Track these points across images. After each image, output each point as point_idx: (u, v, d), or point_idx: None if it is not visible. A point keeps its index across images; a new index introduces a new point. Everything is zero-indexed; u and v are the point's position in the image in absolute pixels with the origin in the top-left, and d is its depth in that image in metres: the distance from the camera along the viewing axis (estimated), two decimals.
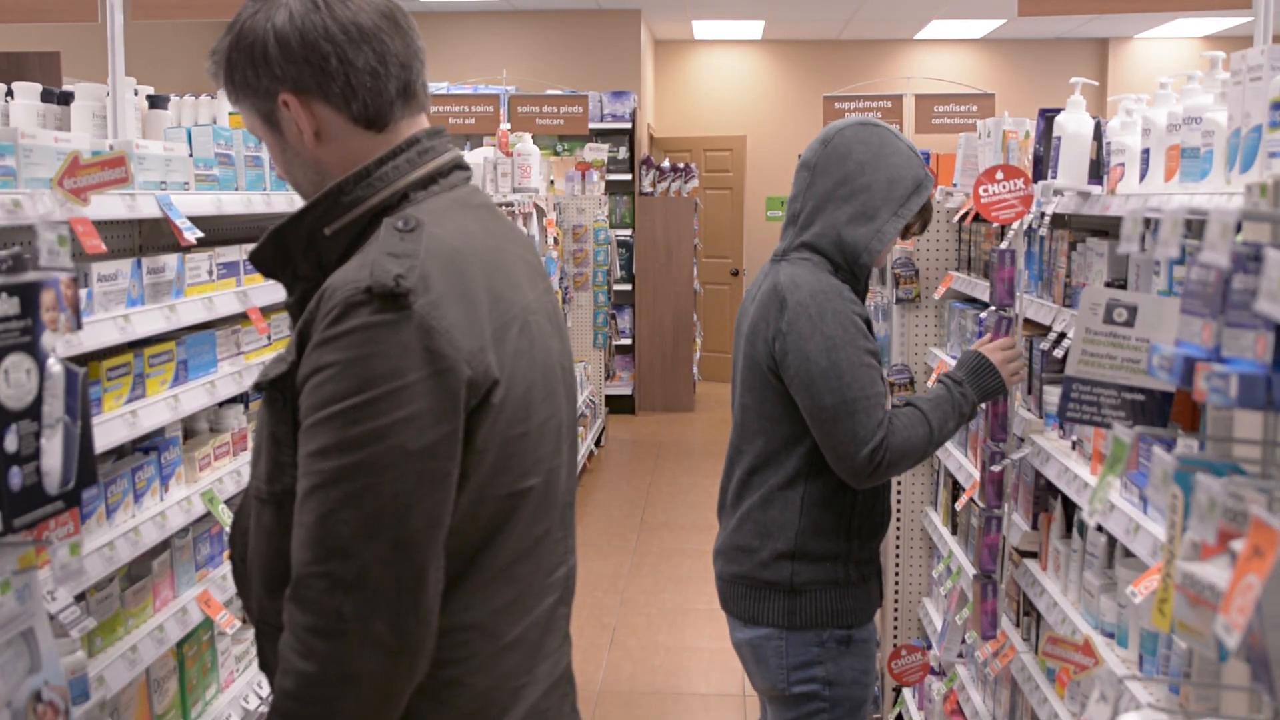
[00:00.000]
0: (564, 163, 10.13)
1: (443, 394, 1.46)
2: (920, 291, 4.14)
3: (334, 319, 1.47)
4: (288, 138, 1.62)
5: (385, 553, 1.44)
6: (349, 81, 1.59)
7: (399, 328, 1.46)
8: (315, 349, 1.48)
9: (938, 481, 4.13)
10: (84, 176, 2.28)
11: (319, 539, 1.45)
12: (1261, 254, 1.15)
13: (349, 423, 1.44)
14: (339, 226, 1.60)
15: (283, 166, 1.67)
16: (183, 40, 9.65)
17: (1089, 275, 2.58)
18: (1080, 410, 1.84)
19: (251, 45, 1.60)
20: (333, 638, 1.44)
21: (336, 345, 1.46)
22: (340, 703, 1.45)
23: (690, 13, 11.65)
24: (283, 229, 1.62)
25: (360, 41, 1.59)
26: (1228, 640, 1.06)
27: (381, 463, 1.44)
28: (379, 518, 1.44)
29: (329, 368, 1.46)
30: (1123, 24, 12.40)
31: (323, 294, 1.50)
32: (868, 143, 2.63)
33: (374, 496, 1.44)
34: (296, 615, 1.46)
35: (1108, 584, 2.36)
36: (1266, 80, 1.80)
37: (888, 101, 7.60)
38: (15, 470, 1.53)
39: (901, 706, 4.31)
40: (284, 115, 1.60)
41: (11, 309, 1.52)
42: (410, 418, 1.45)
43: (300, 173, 1.65)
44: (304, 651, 1.45)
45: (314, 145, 1.61)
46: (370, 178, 1.60)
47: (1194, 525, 1.22)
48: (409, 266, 1.48)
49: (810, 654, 2.63)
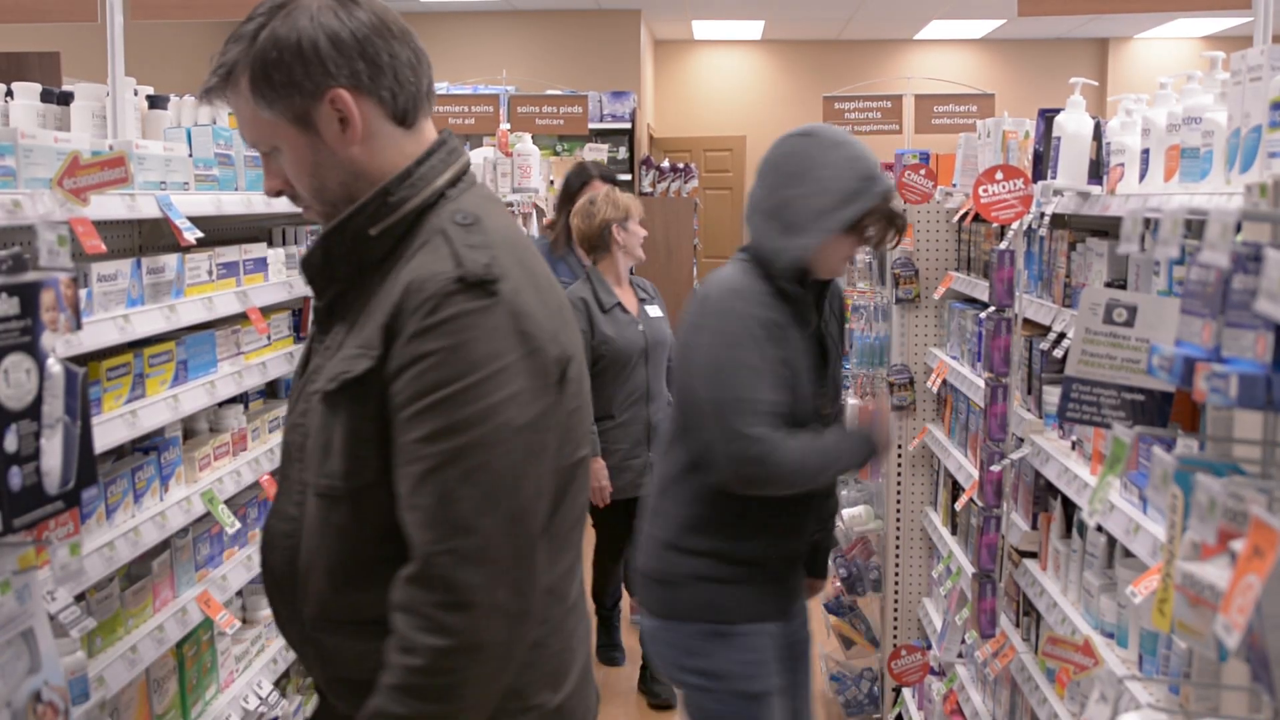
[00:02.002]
0: (564, 163, 10.12)
1: (536, 371, 1.57)
2: (920, 291, 4.14)
3: (430, 310, 1.53)
4: (325, 138, 1.62)
5: (503, 524, 1.53)
6: (396, 77, 1.63)
7: (492, 313, 1.54)
8: (412, 340, 1.54)
9: (937, 482, 4.13)
10: (84, 176, 2.28)
11: (441, 518, 1.52)
12: (1261, 254, 1.15)
13: (458, 405, 1.52)
14: (385, 226, 1.63)
15: (308, 169, 1.64)
16: (183, 40, 9.65)
17: (1089, 275, 2.58)
18: (1080, 410, 1.84)
19: (298, 43, 1.59)
20: (463, 609, 1.51)
21: (435, 334, 1.53)
22: (469, 671, 1.53)
23: (690, 13, 11.64)
24: (332, 233, 1.65)
25: (401, 39, 1.64)
26: (1228, 640, 1.06)
27: (491, 440, 1.53)
28: (495, 492, 1.53)
29: (430, 356, 1.53)
30: (1123, 24, 12.40)
31: (408, 289, 1.55)
32: (797, 155, 2.64)
33: (488, 472, 1.53)
34: (420, 595, 1.52)
35: (1107, 584, 2.36)
36: (1266, 80, 1.80)
37: (888, 101, 7.60)
38: (15, 470, 1.53)
39: (901, 706, 4.31)
40: (324, 114, 1.60)
41: (11, 309, 1.52)
42: (512, 396, 1.54)
43: (330, 174, 1.64)
44: (433, 627, 1.51)
45: (357, 143, 1.62)
46: (412, 178, 1.65)
47: (1194, 525, 1.22)
48: (491, 256, 1.58)
49: (689, 645, 2.64)
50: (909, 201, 4.12)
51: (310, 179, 1.65)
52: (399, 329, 1.55)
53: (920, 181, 4.12)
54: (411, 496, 1.55)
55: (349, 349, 1.62)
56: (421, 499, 1.54)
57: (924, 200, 4.12)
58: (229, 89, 1.63)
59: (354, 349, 1.61)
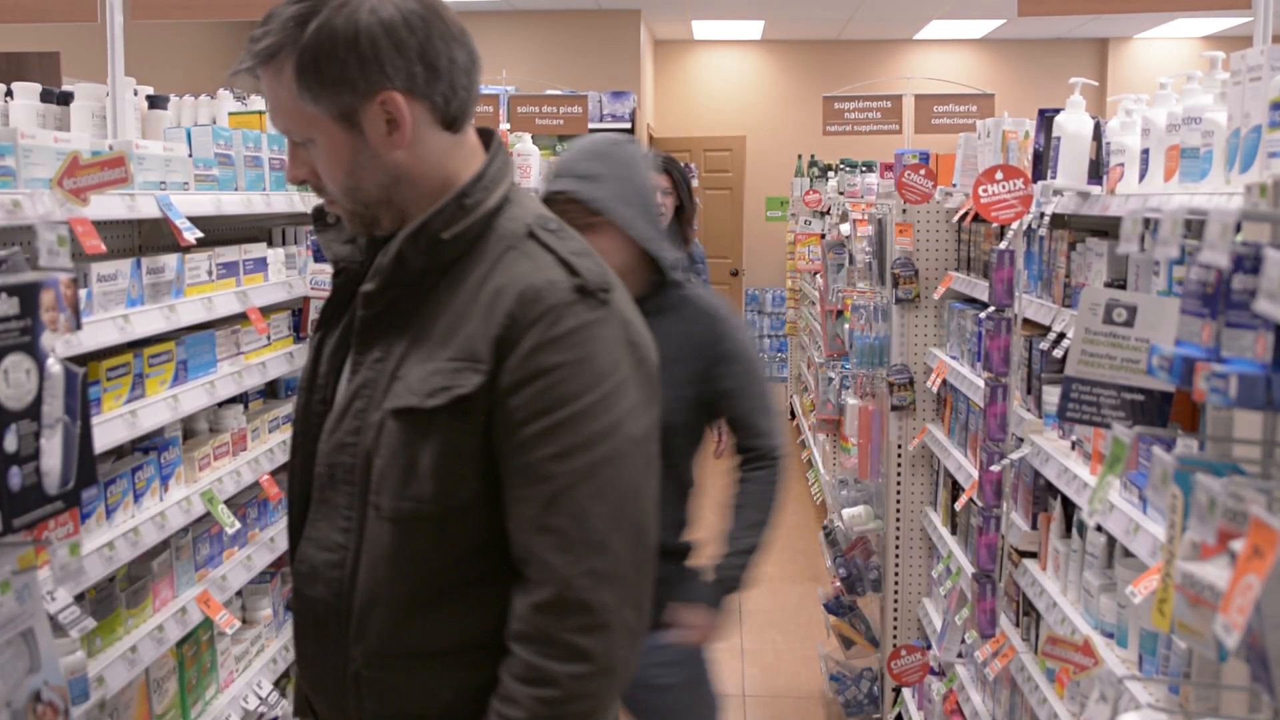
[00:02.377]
0: None
1: (644, 382, 1.54)
2: (920, 291, 4.14)
3: (552, 321, 1.47)
4: (369, 139, 1.52)
5: (629, 540, 1.49)
6: (453, 82, 1.54)
7: (609, 323, 1.51)
8: (534, 353, 1.47)
9: (937, 482, 4.13)
10: (84, 176, 2.28)
11: (577, 539, 1.46)
12: (1261, 254, 1.15)
13: (587, 420, 1.47)
14: (459, 230, 1.55)
15: (344, 168, 1.54)
16: (183, 40, 9.64)
17: (1088, 275, 2.58)
18: (1080, 410, 1.83)
19: (356, 39, 1.49)
20: (601, 632, 1.46)
21: (560, 347, 1.47)
22: (602, 696, 1.49)
23: (690, 13, 11.64)
24: (410, 237, 1.55)
25: (459, 41, 1.55)
26: (1227, 640, 1.06)
27: (618, 454, 1.49)
28: (622, 508, 1.49)
29: (556, 369, 1.47)
30: (1122, 24, 12.40)
31: (521, 298, 1.48)
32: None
33: (616, 488, 1.48)
34: (555, 621, 1.46)
35: (1107, 584, 2.36)
36: (1266, 80, 1.80)
37: (888, 101, 7.60)
38: (15, 470, 1.53)
39: (901, 706, 4.31)
40: (372, 114, 1.51)
41: (11, 309, 1.52)
42: (631, 409, 1.50)
43: (369, 175, 1.54)
44: (571, 654, 1.46)
45: (403, 147, 1.53)
46: (484, 179, 1.59)
47: (1194, 525, 1.22)
48: (597, 263, 1.54)
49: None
50: (909, 201, 4.12)
51: (346, 178, 1.55)
52: (514, 341, 1.47)
53: (920, 181, 4.12)
54: (544, 518, 1.47)
55: (437, 363, 1.51)
56: (556, 520, 1.47)
57: (924, 200, 4.12)
58: (266, 72, 1.52)
59: (446, 363, 1.51)
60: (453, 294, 1.54)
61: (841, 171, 8.60)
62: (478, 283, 1.53)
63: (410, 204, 1.58)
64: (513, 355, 1.47)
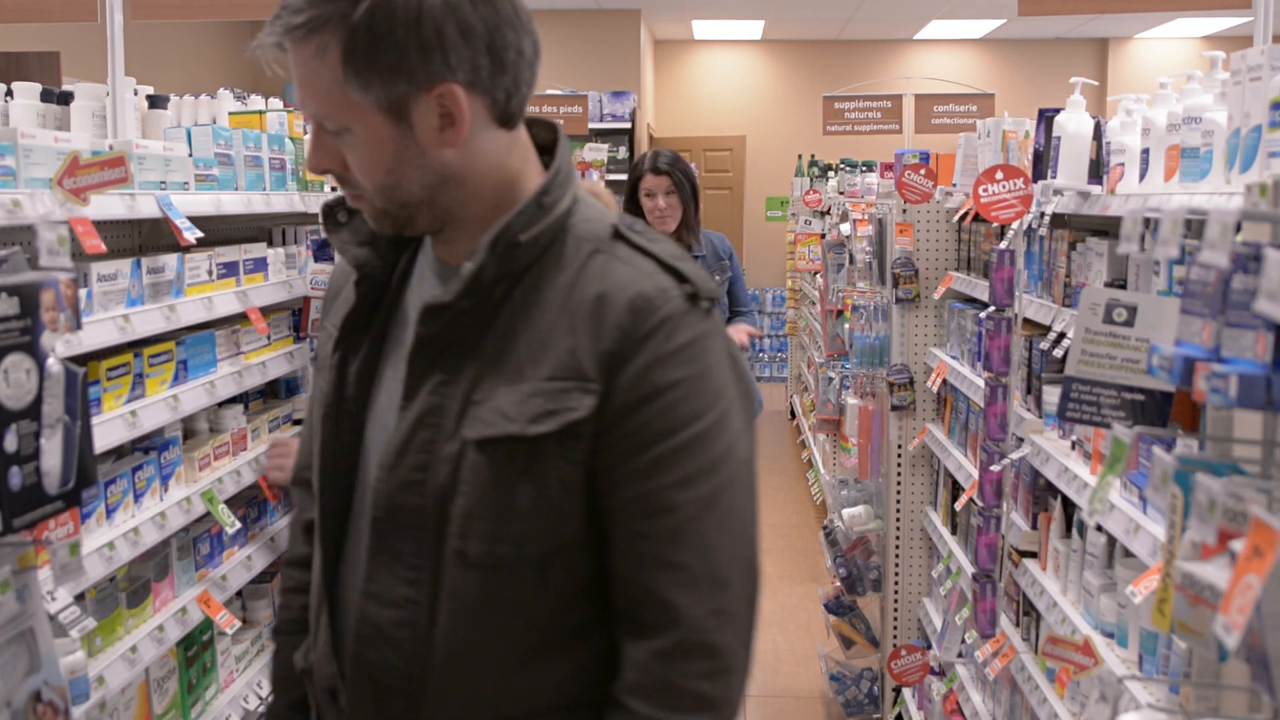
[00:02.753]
0: None
1: (745, 398, 1.41)
2: (920, 291, 4.14)
3: (669, 332, 1.33)
4: (418, 134, 1.34)
5: (744, 574, 1.37)
6: (517, 77, 1.37)
7: (717, 335, 1.38)
8: (651, 368, 1.32)
9: (937, 481, 4.13)
10: (84, 176, 2.28)
11: (703, 575, 1.33)
12: (1261, 254, 1.15)
13: (709, 442, 1.33)
14: (536, 233, 1.38)
15: (385, 164, 1.36)
16: (183, 40, 9.64)
17: (1089, 275, 2.58)
18: (1080, 410, 1.83)
19: (418, 22, 1.30)
20: (724, 677, 1.34)
21: (677, 361, 1.32)
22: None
23: (690, 13, 11.64)
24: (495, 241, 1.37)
25: (526, 29, 1.38)
26: (1227, 640, 1.06)
27: (735, 479, 1.35)
28: (738, 538, 1.36)
29: (676, 387, 1.32)
30: (1123, 24, 12.40)
31: (632, 307, 1.33)
32: None
33: (733, 517, 1.35)
34: (680, 667, 1.33)
35: (1107, 584, 2.36)
36: (1266, 80, 1.80)
37: (888, 101, 7.60)
38: (15, 470, 1.53)
39: (901, 706, 4.31)
40: (424, 108, 1.33)
41: (11, 309, 1.52)
42: (741, 427, 1.38)
43: (413, 174, 1.36)
44: (696, 703, 1.33)
45: (456, 145, 1.36)
46: (559, 176, 1.42)
47: (1194, 525, 1.22)
48: (698, 267, 1.40)
49: None
50: (909, 201, 4.13)
51: (385, 175, 1.36)
52: (628, 356, 1.31)
53: (920, 181, 4.12)
54: (668, 553, 1.32)
55: (533, 383, 1.33)
56: (681, 555, 1.32)
57: (924, 200, 4.12)
58: (303, 48, 1.32)
59: (546, 383, 1.33)
60: (532, 305, 1.37)
61: (842, 171, 8.60)
62: (564, 291, 1.36)
63: (457, 206, 1.41)
64: (625, 372, 1.31)
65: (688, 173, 4.56)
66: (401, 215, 1.40)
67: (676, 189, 4.53)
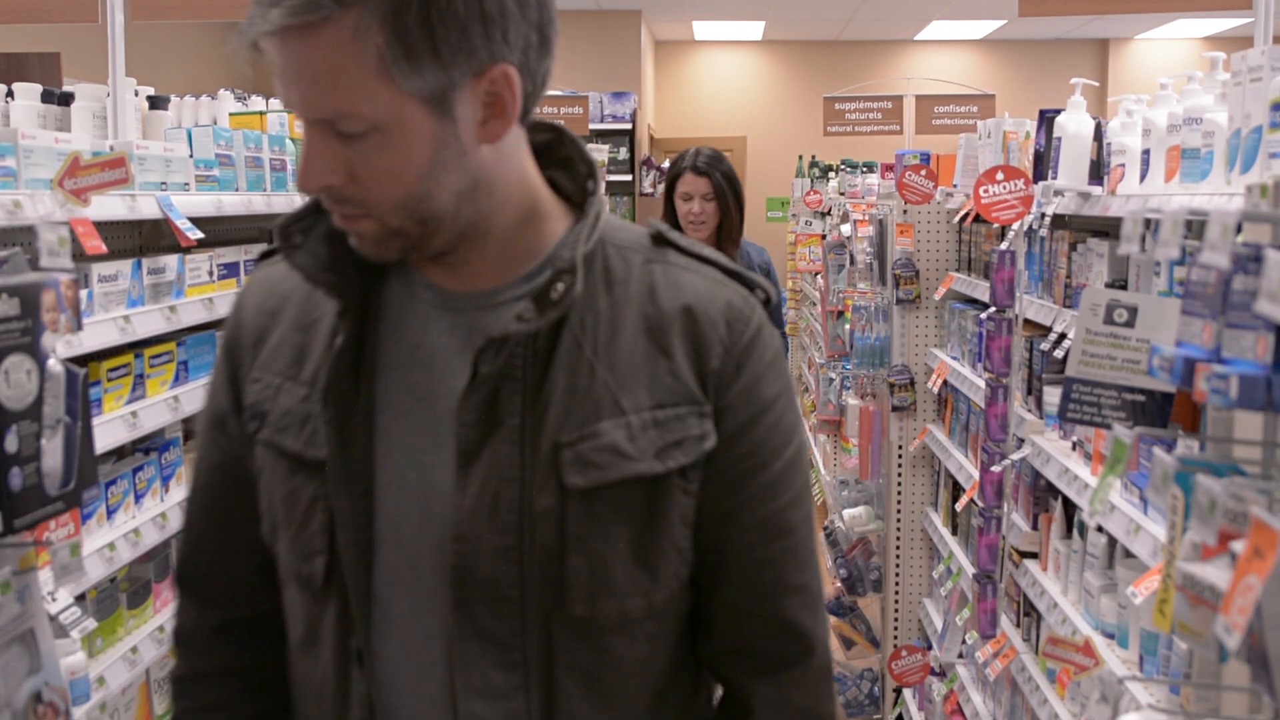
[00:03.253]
0: None
1: None
2: (920, 292, 4.14)
3: (763, 345, 1.25)
4: (461, 128, 1.14)
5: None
6: (549, 54, 1.20)
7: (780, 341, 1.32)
8: (755, 385, 1.24)
9: (938, 482, 4.13)
10: (84, 177, 2.29)
11: (817, 594, 1.30)
12: (1261, 255, 1.15)
13: (803, 455, 1.29)
14: (591, 247, 1.23)
15: (419, 169, 1.14)
16: (183, 40, 9.65)
17: (1089, 276, 2.58)
18: (1080, 411, 1.83)
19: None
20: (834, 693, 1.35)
21: (774, 374, 1.26)
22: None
23: (690, 13, 11.65)
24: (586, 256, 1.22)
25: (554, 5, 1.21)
26: (1228, 641, 1.06)
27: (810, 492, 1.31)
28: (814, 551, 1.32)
29: (778, 401, 1.26)
30: (1123, 24, 12.40)
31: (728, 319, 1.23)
32: None
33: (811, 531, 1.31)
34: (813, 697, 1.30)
35: (1108, 584, 2.36)
36: (1267, 81, 1.80)
37: (888, 102, 7.60)
38: (15, 471, 1.53)
39: (902, 707, 4.31)
40: (468, 96, 1.13)
41: (11, 310, 1.52)
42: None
43: (449, 180, 1.15)
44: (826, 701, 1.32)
45: (498, 140, 1.17)
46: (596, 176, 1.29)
47: (1194, 526, 1.22)
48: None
49: None
50: (910, 202, 4.13)
51: (417, 182, 1.14)
52: (732, 373, 1.22)
53: (921, 182, 4.12)
54: (794, 577, 1.27)
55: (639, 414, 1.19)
56: (803, 576, 1.28)
57: (924, 201, 4.12)
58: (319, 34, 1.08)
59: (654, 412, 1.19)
60: (597, 325, 1.21)
61: (842, 172, 8.60)
62: (635, 307, 1.22)
63: (482, 218, 1.21)
64: (732, 390, 1.22)
65: (730, 176, 4.17)
66: (417, 234, 1.18)
67: (715, 194, 4.11)
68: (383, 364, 1.25)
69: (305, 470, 1.24)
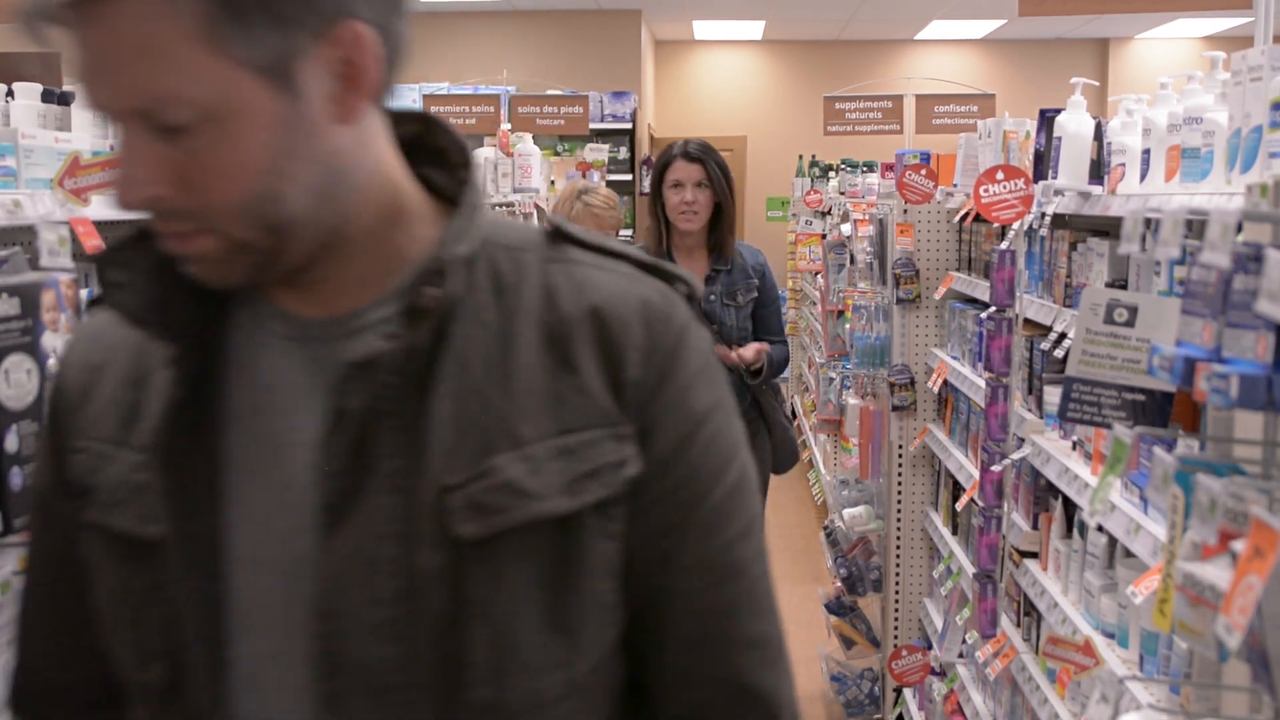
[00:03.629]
0: (564, 163, 10.14)
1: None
2: (920, 292, 4.14)
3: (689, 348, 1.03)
4: (309, 108, 0.94)
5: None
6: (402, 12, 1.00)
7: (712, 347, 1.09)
8: (685, 394, 1.02)
9: (938, 482, 4.13)
10: (84, 177, 2.29)
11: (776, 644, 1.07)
12: (1262, 254, 1.15)
13: (749, 476, 1.07)
14: (474, 247, 1.02)
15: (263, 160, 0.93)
16: None
17: (1089, 275, 2.58)
18: (1080, 410, 1.83)
19: None
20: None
21: (705, 381, 1.04)
22: None
23: (690, 13, 11.65)
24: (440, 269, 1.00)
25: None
26: (1228, 640, 1.06)
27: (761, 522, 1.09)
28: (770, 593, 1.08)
29: (713, 413, 1.04)
30: (1123, 24, 12.40)
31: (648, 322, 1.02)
32: None
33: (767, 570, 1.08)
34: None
35: (1108, 584, 2.36)
36: (1267, 80, 1.80)
37: (888, 101, 7.60)
38: (16, 470, 1.53)
39: (902, 707, 4.31)
40: (315, 64, 0.93)
41: (12, 309, 1.52)
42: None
43: (303, 172, 0.95)
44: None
45: (356, 119, 0.97)
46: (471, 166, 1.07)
47: (1194, 526, 1.22)
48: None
49: None
50: (910, 201, 4.13)
51: (263, 181, 0.93)
52: (655, 383, 1.00)
53: (921, 182, 4.12)
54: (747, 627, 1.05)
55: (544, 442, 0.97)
56: (760, 625, 1.06)
57: (925, 200, 4.13)
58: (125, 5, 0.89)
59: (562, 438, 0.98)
60: (486, 340, 1.00)
61: (842, 172, 8.60)
62: (531, 315, 1.01)
63: (343, 223, 0.99)
64: (656, 403, 1.00)
65: (723, 166, 3.96)
66: (269, 247, 0.96)
67: (709, 182, 3.89)
68: (229, 416, 1.02)
69: (139, 553, 1.01)
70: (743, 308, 3.96)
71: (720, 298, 3.93)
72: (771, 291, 4.14)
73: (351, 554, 0.96)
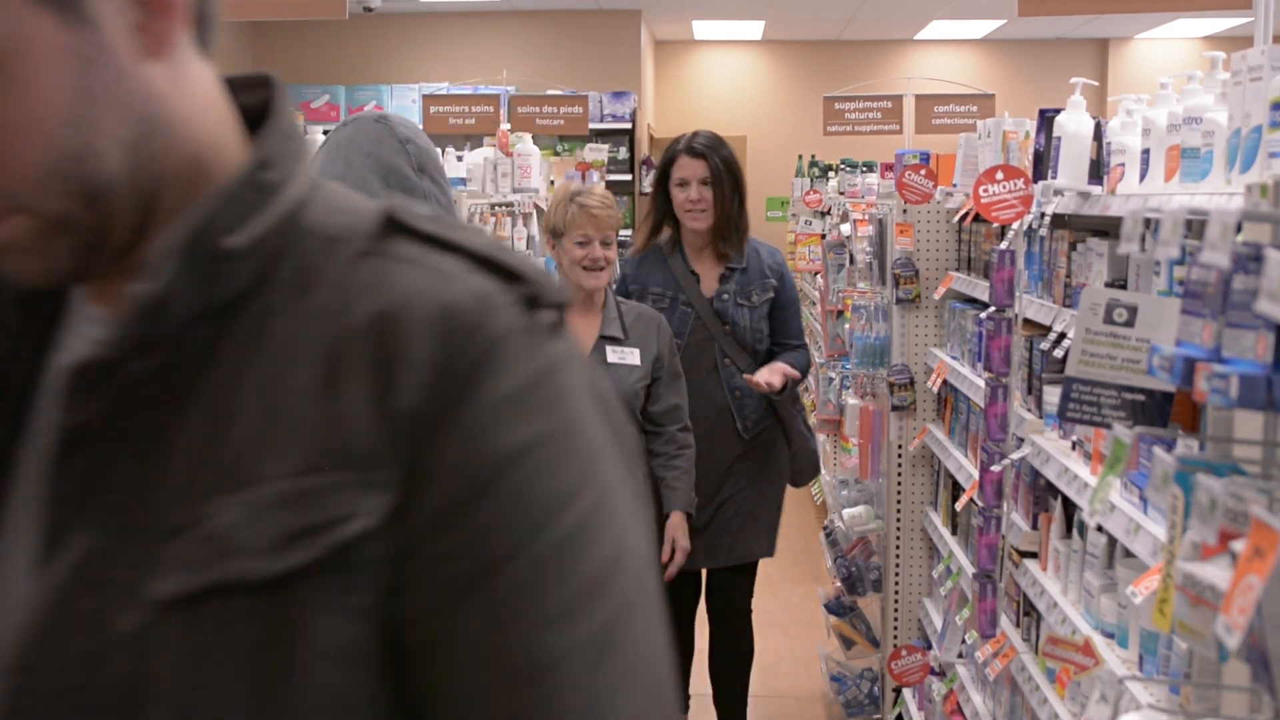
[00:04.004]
0: (564, 163, 10.14)
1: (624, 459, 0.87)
2: (920, 292, 4.14)
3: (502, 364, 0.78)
4: (107, 39, 0.77)
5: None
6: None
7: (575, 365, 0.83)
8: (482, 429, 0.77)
9: (938, 482, 4.13)
10: None
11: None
12: (1262, 254, 1.15)
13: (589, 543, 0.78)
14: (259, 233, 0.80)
15: (62, 110, 0.75)
16: None
17: (1089, 275, 2.58)
18: (1080, 410, 1.83)
19: None
20: None
21: (523, 410, 0.78)
22: None
23: (690, 13, 11.66)
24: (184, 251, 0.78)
25: None
26: (1228, 641, 1.06)
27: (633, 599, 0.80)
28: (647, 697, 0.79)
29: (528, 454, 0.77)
30: (1123, 24, 12.40)
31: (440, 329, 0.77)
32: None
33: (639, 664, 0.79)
34: None
35: (1108, 584, 2.36)
36: (1266, 80, 1.80)
37: (888, 101, 7.60)
38: None
39: (901, 707, 4.31)
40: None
41: None
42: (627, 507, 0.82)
43: (113, 120, 0.77)
44: None
45: (166, 53, 0.79)
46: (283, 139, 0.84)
47: (1194, 526, 1.22)
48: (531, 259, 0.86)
49: None
50: (909, 201, 4.13)
51: (65, 134, 0.76)
52: (438, 412, 0.76)
53: (920, 182, 4.12)
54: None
55: (268, 485, 0.75)
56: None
57: (924, 200, 4.13)
58: None
59: (290, 480, 0.75)
60: (259, 354, 0.79)
61: (842, 172, 8.61)
62: (313, 323, 0.79)
63: (165, 185, 0.80)
64: (438, 440, 0.76)
65: (730, 161, 3.77)
66: (90, 222, 0.78)
67: (714, 178, 3.71)
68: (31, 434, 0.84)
69: None
70: (757, 308, 3.87)
71: (734, 297, 3.88)
72: (790, 293, 4.00)
73: (53, 603, 0.77)
